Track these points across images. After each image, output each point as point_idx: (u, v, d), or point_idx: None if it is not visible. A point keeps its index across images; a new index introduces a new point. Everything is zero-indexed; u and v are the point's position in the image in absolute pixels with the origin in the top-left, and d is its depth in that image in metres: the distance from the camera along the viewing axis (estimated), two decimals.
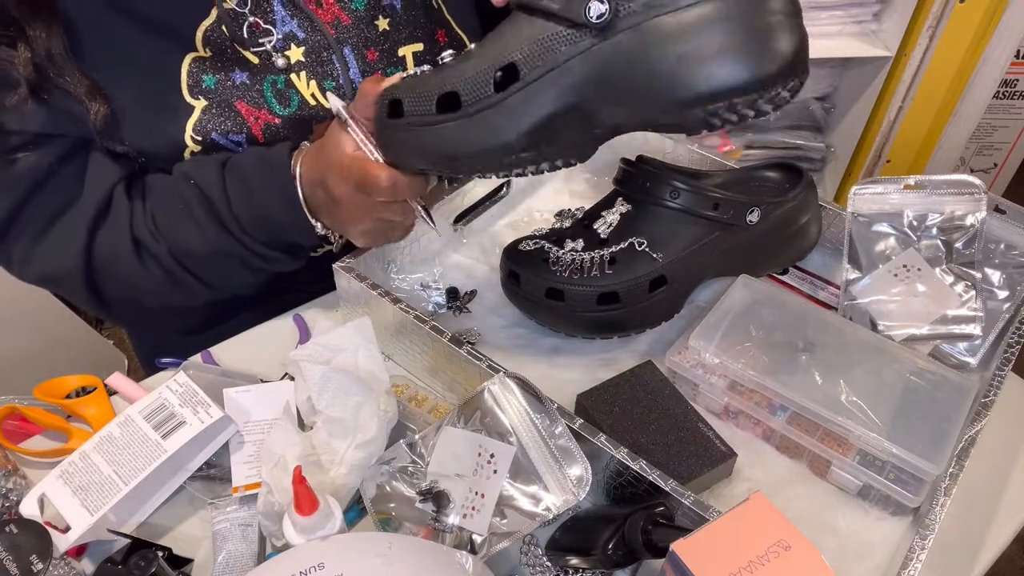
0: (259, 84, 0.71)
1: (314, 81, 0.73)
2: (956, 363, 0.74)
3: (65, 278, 0.73)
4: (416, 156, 0.60)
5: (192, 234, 0.70)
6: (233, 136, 0.71)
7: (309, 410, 0.65)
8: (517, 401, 0.60)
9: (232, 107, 0.71)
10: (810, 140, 1.67)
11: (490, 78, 0.55)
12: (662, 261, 0.73)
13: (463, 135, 0.57)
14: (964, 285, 0.75)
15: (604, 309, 0.73)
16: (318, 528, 0.53)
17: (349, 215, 0.65)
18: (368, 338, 0.68)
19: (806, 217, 0.79)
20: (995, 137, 1.85)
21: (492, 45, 0.56)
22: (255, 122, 0.71)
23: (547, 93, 0.54)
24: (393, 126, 0.60)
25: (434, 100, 0.57)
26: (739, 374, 0.68)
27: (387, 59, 0.75)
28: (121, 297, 0.76)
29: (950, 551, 0.64)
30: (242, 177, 0.68)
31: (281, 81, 0.72)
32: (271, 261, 0.73)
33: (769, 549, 0.47)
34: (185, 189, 0.70)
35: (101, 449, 0.62)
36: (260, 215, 0.69)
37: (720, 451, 0.65)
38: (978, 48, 1.47)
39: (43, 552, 0.57)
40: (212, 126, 0.71)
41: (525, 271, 0.75)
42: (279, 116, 0.72)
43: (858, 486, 0.66)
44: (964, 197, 0.77)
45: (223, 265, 0.73)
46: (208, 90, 0.70)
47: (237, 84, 0.71)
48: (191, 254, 0.72)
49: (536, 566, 0.59)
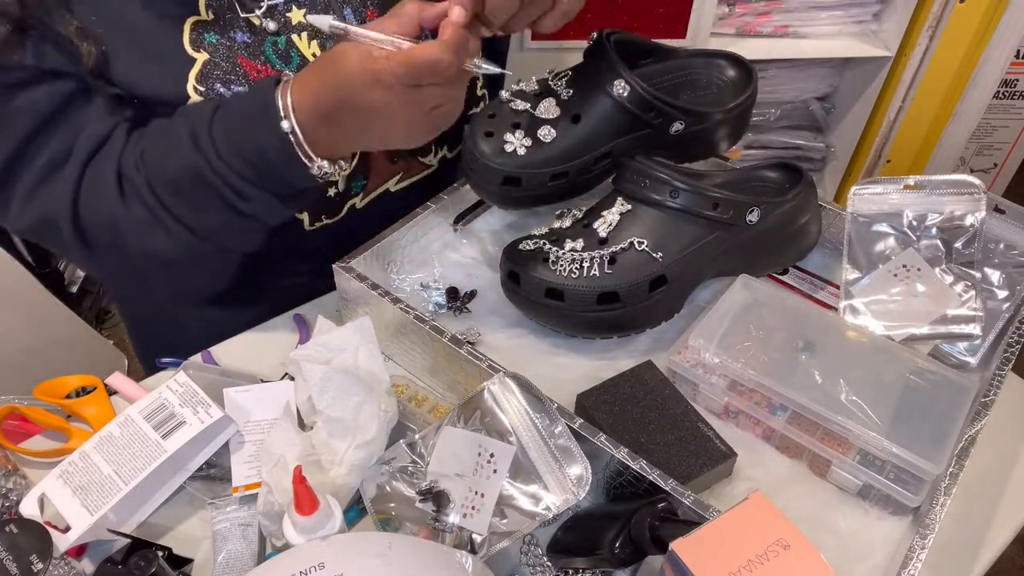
0: (260, 44, 0.72)
1: (315, 42, 0.73)
2: (956, 363, 0.74)
3: (57, 220, 0.69)
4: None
5: (170, 159, 0.67)
6: (235, 87, 0.71)
7: (309, 410, 0.65)
8: (517, 401, 0.60)
9: (235, 62, 0.71)
10: (810, 140, 1.67)
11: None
12: (662, 261, 0.73)
13: None
14: (964, 285, 0.75)
15: (604, 309, 0.73)
16: (318, 528, 0.53)
17: (392, 119, 0.62)
18: (368, 338, 0.68)
19: (806, 217, 0.79)
20: (995, 137, 1.85)
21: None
22: (257, 76, 0.72)
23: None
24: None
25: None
26: (739, 373, 0.68)
27: None
28: (106, 243, 0.71)
29: (950, 551, 0.64)
30: (228, 108, 0.66)
31: (282, 41, 0.72)
32: (248, 199, 0.67)
33: (769, 548, 0.47)
34: (177, 124, 0.68)
35: (101, 449, 0.62)
36: (237, 140, 0.65)
37: (720, 451, 0.65)
38: (978, 48, 1.47)
39: (43, 552, 0.57)
40: (215, 78, 0.71)
41: (525, 271, 0.75)
42: (281, 72, 0.73)
43: (858, 486, 0.66)
44: (964, 197, 0.77)
45: (198, 197, 0.67)
46: (210, 45, 0.70)
47: (238, 43, 0.71)
48: (168, 183, 0.67)
49: (536, 566, 0.59)
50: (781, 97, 1.63)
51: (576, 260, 0.73)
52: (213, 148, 0.65)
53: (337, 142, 0.65)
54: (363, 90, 0.60)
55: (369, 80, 0.59)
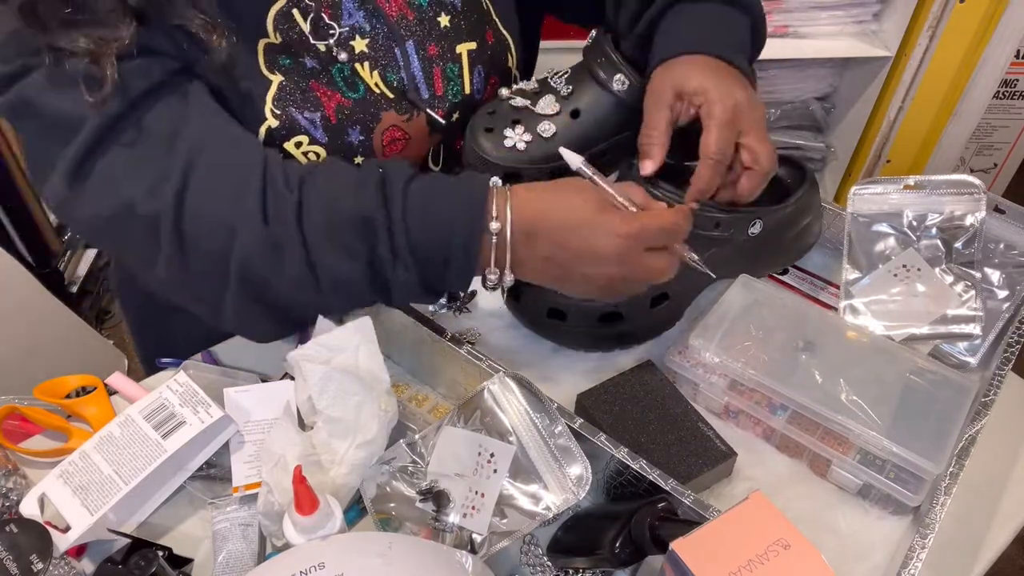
0: (328, 70, 0.72)
1: (377, 72, 0.74)
2: (956, 363, 0.74)
3: (150, 213, 0.61)
4: None
5: (344, 193, 0.61)
6: (308, 114, 0.71)
7: (309, 410, 0.65)
8: (517, 401, 0.60)
9: (308, 87, 0.71)
10: (810, 140, 1.67)
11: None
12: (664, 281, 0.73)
13: None
14: (964, 285, 0.75)
15: (606, 326, 0.74)
16: (318, 528, 0.53)
17: (594, 267, 0.62)
18: (368, 338, 0.68)
19: (808, 219, 0.79)
20: (995, 137, 1.85)
21: None
22: (328, 101, 0.72)
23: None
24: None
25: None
26: (739, 373, 0.68)
27: (446, 55, 0.77)
28: (207, 250, 0.62)
29: (950, 550, 0.64)
30: (432, 178, 0.64)
31: (347, 69, 0.72)
32: (396, 266, 0.62)
33: (768, 548, 0.47)
34: (367, 165, 0.64)
35: (101, 449, 0.62)
36: (431, 207, 0.61)
37: (720, 450, 0.65)
38: (978, 48, 1.47)
39: (43, 552, 0.57)
40: (289, 101, 0.70)
41: (526, 290, 0.75)
42: (350, 99, 0.73)
43: (858, 485, 0.66)
44: (964, 197, 0.77)
45: (348, 241, 0.61)
46: (284, 68, 0.70)
47: (308, 68, 0.71)
48: (324, 212, 0.61)
49: (536, 566, 0.59)
50: (781, 97, 1.63)
51: None
52: (402, 203, 0.61)
53: (523, 263, 0.63)
54: (591, 229, 0.61)
55: (602, 223, 0.61)
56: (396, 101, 0.74)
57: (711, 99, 0.67)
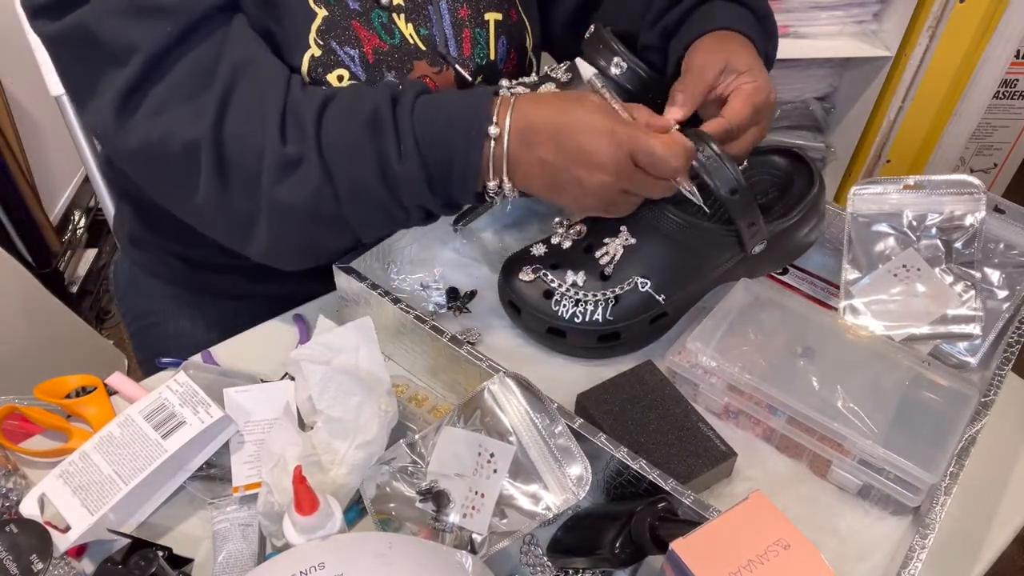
0: (368, 13, 0.74)
1: (411, 24, 0.76)
2: (956, 362, 0.74)
3: (192, 142, 0.65)
4: None
5: (359, 98, 0.66)
6: (348, 49, 0.73)
7: (309, 410, 0.65)
8: (517, 401, 0.60)
9: (349, 25, 0.73)
10: (810, 140, 1.67)
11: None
12: (664, 303, 0.74)
13: None
14: (964, 285, 0.75)
15: (605, 345, 0.75)
16: (318, 528, 0.53)
17: (591, 173, 0.64)
18: (369, 338, 0.68)
19: (811, 224, 0.79)
20: (995, 137, 1.85)
21: None
22: (367, 42, 0.73)
23: None
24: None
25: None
26: (736, 378, 0.68)
27: (475, 20, 0.79)
28: (244, 178, 0.66)
29: (950, 550, 0.64)
30: (439, 92, 0.68)
31: (385, 16, 0.74)
32: (403, 160, 0.65)
33: (769, 548, 0.47)
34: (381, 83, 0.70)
35: (101, 449, 0.62)
36: (436, 108, 0.65)
37: (720, 451, 0.65)
38: (978, 48, 1.47)
39: (43, 552, 0.57)
40: (332, 35, 0.72)
41: (525, 306, 0.75)
42: (386, 43, 0.75)
43: (858, 486, 0.66)
44: (963, 197, 0.77)
45: (360, 139, 0.65)
46: (329, 4, 0.72)
47: (351, 8, 0.73)
48: (338, 117, 0.66)
49: (536, 566, 0.59)
50: (781, 97, 1.63)
51: (579, 302, 0.73)
52: (411, 104, 0.65)
53: (519, 165, 0.66)
54: (592, 133, 0.63)
55: (604, 128, 0.63)
56: (428, 54, 0.76)
57: (759, 85, 0.72)
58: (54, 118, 0.69)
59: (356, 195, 0.66)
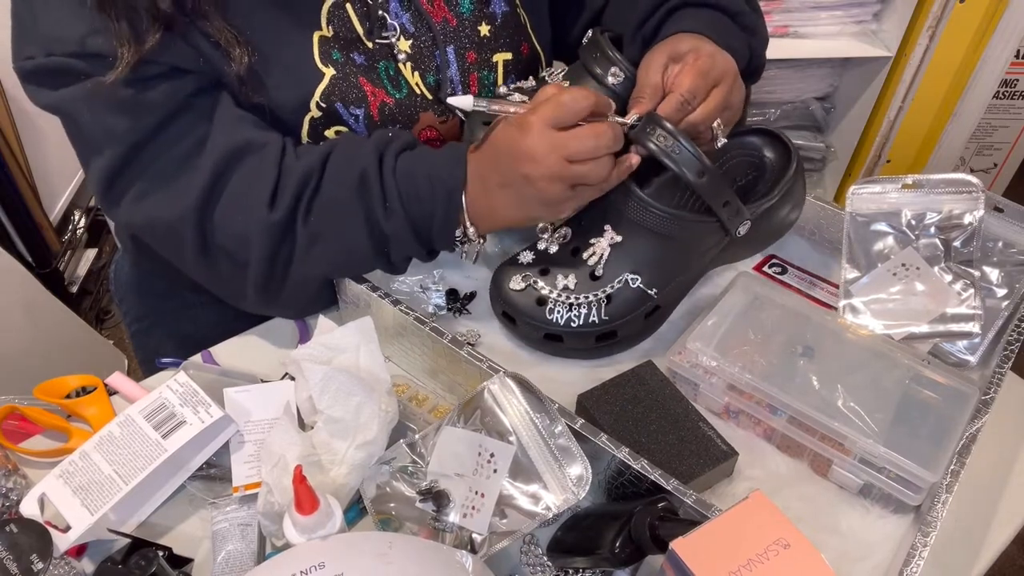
0: (375, 67, 0.74)
1: (418, 73, 0.76)
2: (955, 361, 0.74)
3: (175, 222, 0.68)
4: None
5: (353, 159, 0.69)
6: (353, 109, 0.74)
7: (309, 410, 0.65)
8: (517, 401, 0.60)
9: (356, 82, 0.73)
10: (810, 140, 1.67)
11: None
12: (657, 296, 0.74)
13: None
14: (963, 283, 0.75)
15: (602, 344, 0.75)
16: (318, 528, 0.53)
17: (535, 168, 0.65)
18: (369, 338, 0.68)
19: (789, 206, 0.80)
20: (995, 137, 1.85)
21: None
22: (374, 99, 0.74)
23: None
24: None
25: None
26: (736, 378, 0.68)
27: (483, 63, 0.79)
28: (229, 252, 0.70)
29: (951, 549, 0.64)
30: (420, 151, 0.71)
31: (392, 68, 0.75)
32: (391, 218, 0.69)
33: (769, 548, 0.47)
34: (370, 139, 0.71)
35: (101, 449, 0.62)
36: (415, 168, 0.69)
37: (721, 450, 0.65)
38: (978, 48, 1.47)
39: (43, 552, 0.57)
40: (336, 96, 0.73)
41: (520, 317, 0.75)
42: (393, 98, 0.75)
43: (859, 485, 0.66)
44: (962, 196, 0.77)
45: (348, 204, 0.69)
46: (335, 62, 0.72)
47: (358, 64, 0.73)
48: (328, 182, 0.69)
49: (536, 566, 0.59)
50: (781, 97, 1.63)
51: (573, 306, 0.73)
52: (393, 163, 0.69)
53: (485, 203, 0.69)
54: (517, 132, 0.65)
55: (522, 122, 0.65)
56: (434, 103, 0.77)
57: (702, 54, 0.71)
58: (54, 118, 0.69)
59: (348, 255, 0.72)
